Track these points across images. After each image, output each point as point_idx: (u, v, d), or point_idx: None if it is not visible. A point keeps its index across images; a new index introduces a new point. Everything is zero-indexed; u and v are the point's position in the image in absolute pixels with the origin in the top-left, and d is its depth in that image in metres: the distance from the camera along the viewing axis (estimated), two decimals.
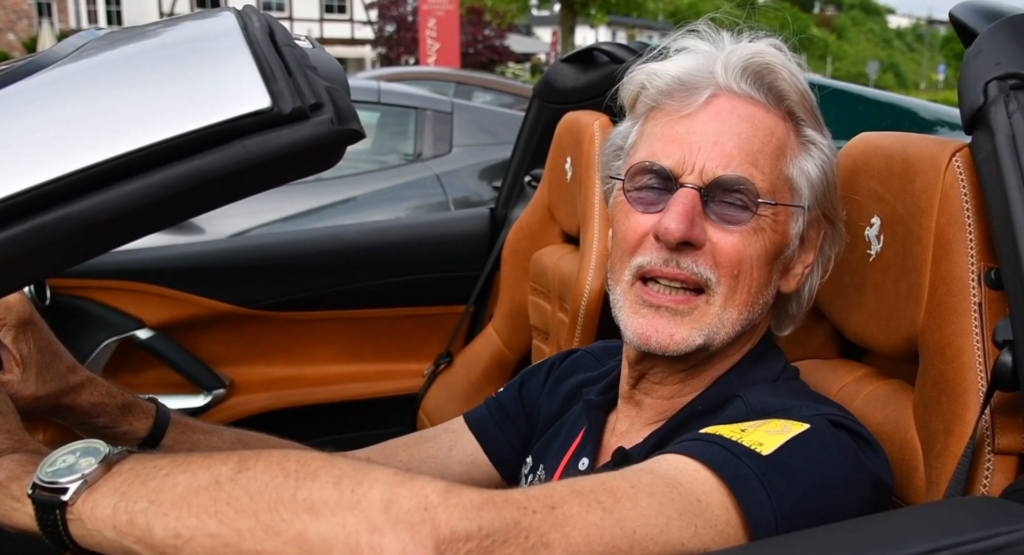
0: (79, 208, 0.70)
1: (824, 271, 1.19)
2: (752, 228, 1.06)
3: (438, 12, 19.42)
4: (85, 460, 0.84)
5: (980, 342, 1.07)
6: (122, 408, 1.26)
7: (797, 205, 1.10)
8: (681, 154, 1.06)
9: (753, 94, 1.08)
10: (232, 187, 0.78)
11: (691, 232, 1.04)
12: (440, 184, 5.10)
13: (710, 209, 1.06)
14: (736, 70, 1.08)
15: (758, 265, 1.07)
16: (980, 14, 1.16)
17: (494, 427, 1.41)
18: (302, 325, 2.62)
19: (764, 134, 1.07)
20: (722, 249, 1.05)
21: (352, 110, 0.82)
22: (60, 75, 0.85)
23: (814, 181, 1.11)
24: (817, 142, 1.11)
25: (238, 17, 0.93)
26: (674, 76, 1.09)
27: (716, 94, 1.08)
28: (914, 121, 2.86)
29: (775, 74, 1.08)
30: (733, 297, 1.07)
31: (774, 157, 1.07)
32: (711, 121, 1.07)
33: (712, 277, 1.06)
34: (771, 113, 1.09)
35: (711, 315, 1.07)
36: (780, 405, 1.04)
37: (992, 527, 0.86)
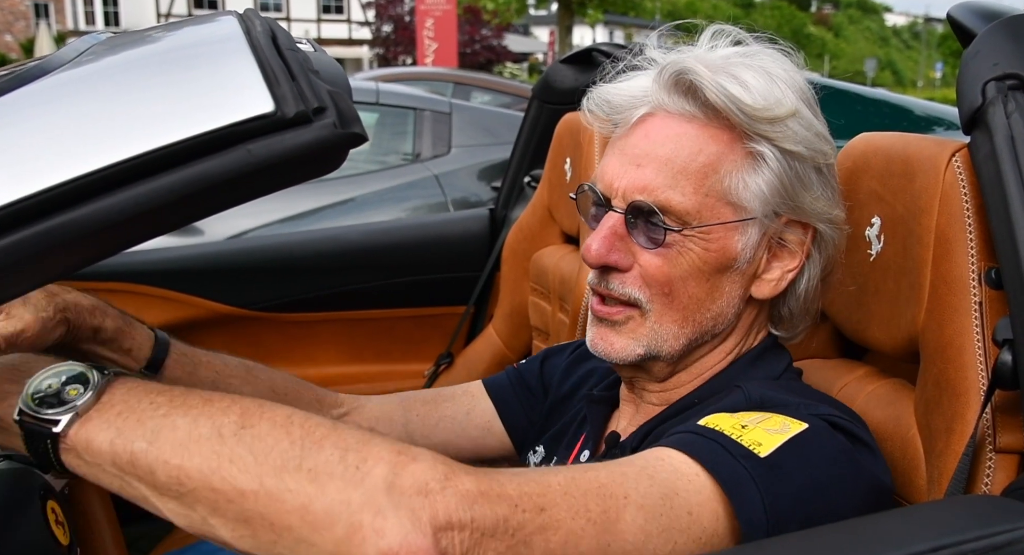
0: (85, 212, 0.71)
1: (828, 272, 1.18)
2: (678, 249, 1.06)
3: (435, 12, 19.42)
4: (73, 388, 0.82)
5: (981, 341, 1.07)
6: (122, 317, 1.25)
7: (735, 221, 1.07)
8: (610, 177, 1.09)
9: (687, 108, 1.07)
10: (236, 191, 0.78)
11: (608, 257, 1.08)
12: (439, 185, 5.11)
13: (636, 231, 1.08)
14: (667, 86, 1.07)
15: (693, 281, 1.08)
16: (978, 15, 1.17)
17: (513, 397, 1.42)
18: (303, 326, 2.62)
19: (689, 153, 1.06)
20: (647, 270, 1.08)
21: (355, 114, 0.83)
22: (65, 80, 0.85)
23: (764, 193, 1.07)
24: (765, 155, 1.07)
25: (240, 21, 0.94)
26: (609, 101, 1.12)
27: (651, 112, 1.08)
28: (912, 120, 2.87)
29: (702, 90, 1.05)
30: (669, 312, 1.09)
31: (701, 175, 1.05)
32: (640, 141, 1.08)
33: (641, 296, 1.08)
34: (708, 127, 1.07)
35: (647, 328, 1.10)
36: (781, 401, 1.04)
37: (994, 525, 0.87)
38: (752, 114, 1.04)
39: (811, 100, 1.12)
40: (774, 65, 1.09)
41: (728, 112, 1.05)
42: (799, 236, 1.12)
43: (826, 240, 1.14)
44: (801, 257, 1.13)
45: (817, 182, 1.11)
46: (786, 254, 1.12)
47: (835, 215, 1.14)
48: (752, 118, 1.05)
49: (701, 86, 1.04)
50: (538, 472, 0.88)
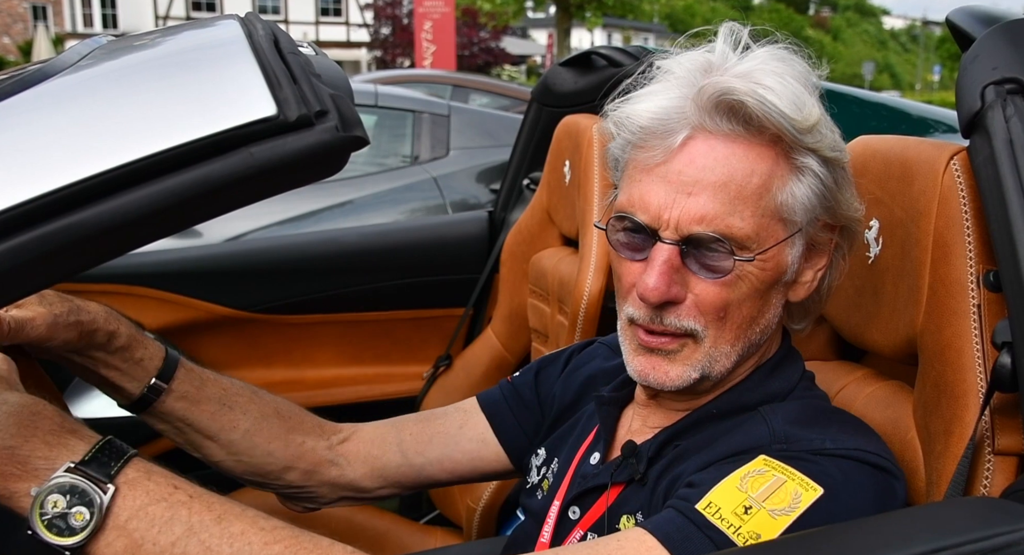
0: (90, 214, 0.71)
1: (842, 268, 1.16)
2: (736, 275, 1.04)
3: (434, 15, 19.44)
4: (78, 512, 0.86)
5: (979, 344, 1.08)
6: (135, 333, 1.27)
7: (787, 237, 1.06)
8: (656, 208, 1.03)
9: (731, 129, 1.03)
10: (239, 193, 0.78)
11: (668, 293, 1.04)
12: (437, 187, 5.11)
13: (690, 260, 1.04)
14: (707, 108, 1.02)
15: (748, 303, 1.07)
16: (977, 19, 1.17)
17: (507, 410, 1.42)
18: (302, 328, 2.62)
19: (743, 175, 1.02)
20: (704, 299, 1.05)
21: (356, 117, 0.83)
22: (69, 83, 0.85)
23: (809, 202, 1.06)
24: (810, 165, 1.05)
25: (243, 25, 0.94)
26: (642, 125, 1.05)
27: (692, 135, 1.03)
28: (910, 122, 2.87)
29: (747, 109, 1.01)
30: (723, 335, 1.07)
31: (756, 197, 1.03)
32: (687, 168, 1.02)
33: (697, 327, 1.06)
34: (753, 145, 1.03)
35: (701, 353, 1.07)
36: (805, 439, 1.03)
37: (993, 527, 0.87)
38: (797, 126, 1.02)
39: (818, 94, 1.10)
40: (788, 68, 1.07)
41: (779, 128, 1.02)
42: (828, 235, 1.11)
43: (852, 234, 1.14)
44: (829, 255, 1.12)
45: (844, 181, 1.10)
46: (815, 255, 1.12)
47: (860, 211, 1.13)
48: (798, 130, 1.02)
49: (748, 105, 1.01)
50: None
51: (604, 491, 1.15)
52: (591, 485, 1.18)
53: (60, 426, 0.93)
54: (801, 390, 1.15)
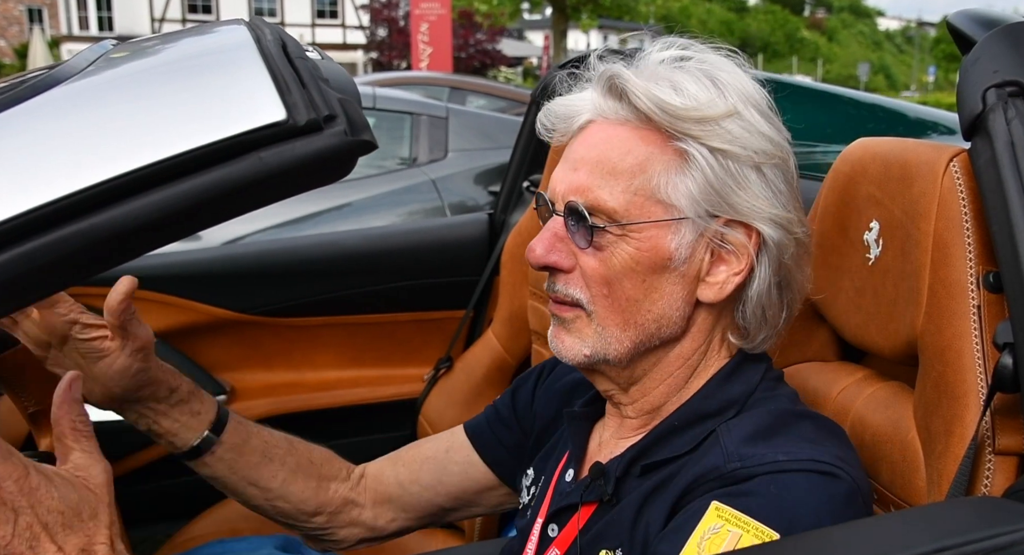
0: (102, 219, 0.72)
1: (786, 279, 1.14)
2: (611, 250, 1.08)
3: (430, 16, 19.45)
4: None
5: (980, 345, 1.08)
6: (193, 386, 1.37)
7: (666, 219, 1.07)
8: (553, 183, 1.13)
9: (622, 114, 1.10)
10: (248, 198, 0.79)
11: (547, 258, 1.11)
12: (436, 189, 5.12)
13: (575, 233, 1.10)
14: (601, 92, 1.11)
15: (628, 281, 1.09)
16: (977, 22, 1.18)
17: (489, 432, 1.47)
18: (302, 331, 2.63)
19: (619, 153, 1.08)
20: (585, 270, 1.10)
21: (364, 121, 0.84)
22: (78, 89, 0.86)
23: (694, 191, 1.07)
24: (691, 154, 1.07)
25: (251, 30, 0.95)
26: (555, 112, 1.16)
27: (592, 120, 1.12)
28: (907, 124, 2.89)
29: (627, 93, 1.08)
30: (611, 314, 1.10)
31: (628, 175, 1.07)
32: (578, 147, 1.12)
33: (583, 297, 1.11)
34: (640, 129, 1.09)
35: (592, 330, 1.12)
36: (759, 455, 1.03)
37: (995, 527, 0.88)
38: (675, 114, 1.06)
39: (760, 103, 1.11)
40: (716, 70, 1.10)
41: (650, 113, 1.07)
42: (742, 239, 1.09)
43: (772, 243, 1.10)
44: (747, 260, 1.10)
45: (757, 182, 1.08)
46: (732, 257, 1.10)
47: (779, 215, 1.10)
48: (676, 117, 1.06)
49: (627, 90, 1.08)
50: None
51: (577, 511, 1.17)
52: (565, 503, 1.19)
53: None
54: (763, 391, 1.14)
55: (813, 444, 1.05)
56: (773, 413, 1.10)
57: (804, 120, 2.53)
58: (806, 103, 2.69)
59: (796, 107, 2.54)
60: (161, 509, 2.43)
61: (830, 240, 1.39)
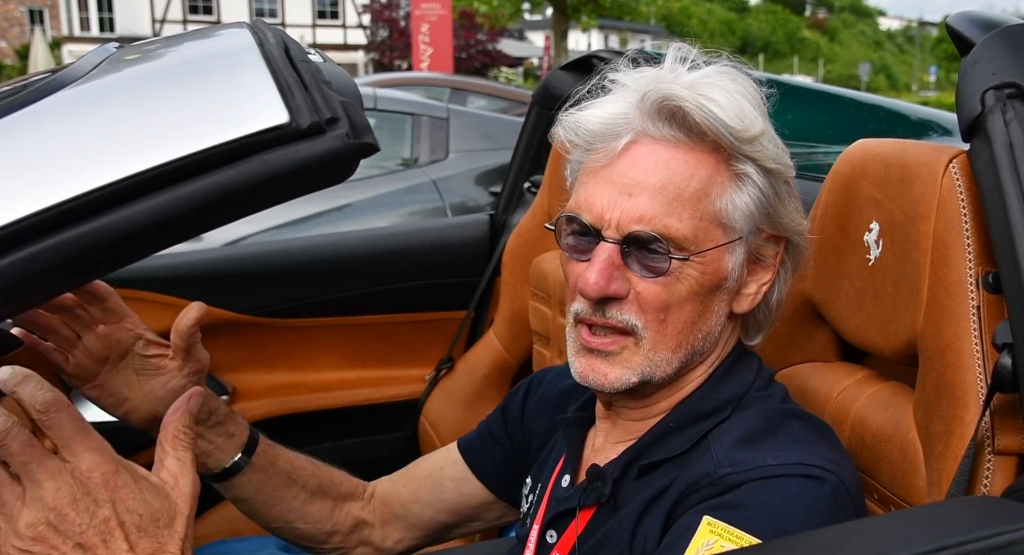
0: (107, 221, 0.72)
1: (788, 283, 1.19)
2: (676, 276, 1.07)
3: (431, 17, 19.46)
4: None
5: (979, 345, 1.09)
6: (228, 409, 1.38)
7: (727, 242, 1.09)
8: (600, 208, 1.07)
9: (672, 135, 1.07)
10: (252, 200, 0.80)
11: (608, 288, 1.07)
12: (437, 190, 5.12)
13: (632, 259, 1.07)
14: (651, 114, 1.07)
15: (689, 305, 1.09)
16: (976, 24, 1.18)
17: (480, 448, 1.48)
18: (303, 332, 2.63)
19: (682, 179, 1.06)
20: (645, 297, 1.08)
21: (366, 124, 0.85)
22: (83, 93, 0.86)
23: (750, 210, 1.09)
24: (750, 174, 1.09)
25: (253, 33, 0.95)
26: (589, 129, 1.10)
27: (635, 140, 1.07)
28: (907, 125, 2.89)
29: (688, 115, 1.05)
30: (662, 339, 1.09)
31: (695, 201, 1.06)
32: (628, 170, 1.07)
33: (638, 323, 1.08)
34: (694, 151, 1.07)
35: (641, 355, 1.10)
36: (749, 460, 1.04)
37: (995, 526, 0.88)
38: (737, 135, 1.06)
39: (766, 112, 1.13)
40: (734, 84, 1.10)
41: (717, 135, 1.05)
42: (773, 249, 1.14)
43: (798, 251, 1.16)
44: (775, 269, 1.15)
45: (788, 195, 1.13)
46: (760, 268, 1.14)
47: (804, 226, 1.16)
48: (738, 139, 1.06)
49: (688, 111, 1.05)
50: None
51: (575, 516, 1.17)
52: (563, 508, 1.20)
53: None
54: (756, 391, 1.16)
55: (803, 446, 1.06)
56: (764, 415, 1.12)
57: (805, 121, 2.53)
58: (807, 104, 2.69)
59: (797, 108, 2.55)
60: None
61: (830, 241, 1.39)
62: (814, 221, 1.43)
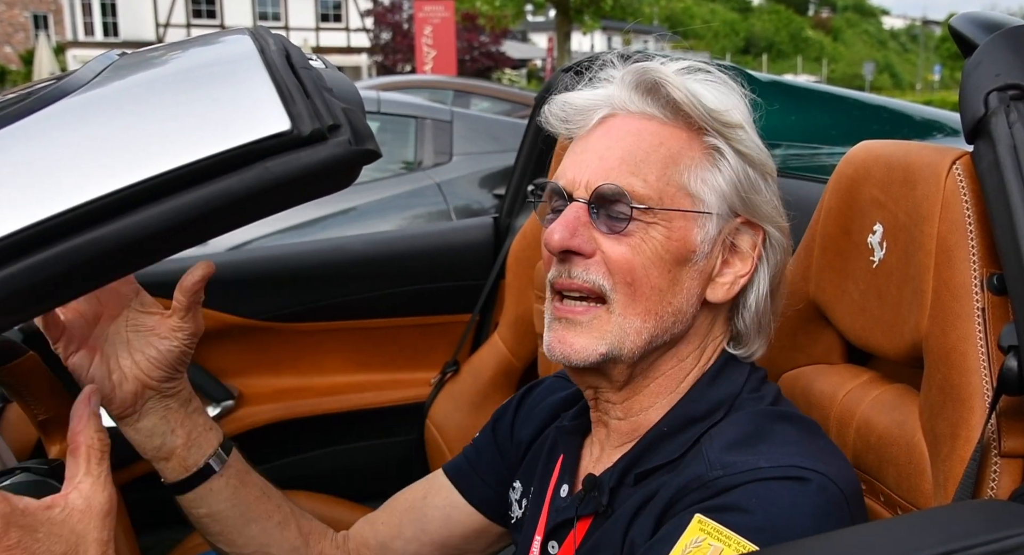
0: (112, 229, 0.73)
1: (776, 283, 1.19)
2: (640, 236, 1.08)
3: (434, 19, 19.50)
4: None
5: (984, 347, 1.08)
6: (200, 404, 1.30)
7: (694, 211, 1.10)
8: (573, 172, 1.11)
9: (648, 109, 1.11)
10: (255, 207, 0.80)
11: (570, 241, 1.08)
12: (441, 192, 5.13)
13: (599, 220, 1.09)
14: (629, 87, 1.12)
15: (656, 270, 1.09)
16: (979, 25, 1.18)
17: (470, 471, 1.42)
18: (309, 336, 2.63)
19: (651, 144, 1.10)
20: (611, 256, 1.09)
21: (368, 130, 0.85)
22: (86, 101, 0.87)
23: (722, 189, 1.11)
24: (723, 151, 1.12)
25: (255, 40, 0.96)
26: (572, 103, 1.16)
27: (612, 114, 1.13)
28: (912, 125, 2.88)
29: (667, 87, 1.10)
30: (633, 304, 1.09)
31: (662, 165, 1.09)
32: (602, 138, 1.11)
33: (606, 284, 1.08)
34: (667, 125, 1.11)
35: (612, 323, 1.09)
36: (740, 462, 1.04)
37: (1002, 530, 0.88)
38: (710, 111, 1.10)
39: (751, 120, 1.17)
40: (724, 84, 1.15)
41: (690, 107, 1.09)
42: (751, 239, 1.15)
43: (775, 245, 1.17)
44: (752, 262, 1.15)
45: (765, 189, 1.15)
46: (737, 260, 1.15)
47: (782, 224, 1.17)
48: (712, 115, 1.10)
49: (664, 82, 1.09)
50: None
51: (574, 526, 1.17)
52: (562, 519, 1.19)
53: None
54: (748, 392, 1.15)
55: (795, 447, 1.06)
56: (755, 417, 1.11)
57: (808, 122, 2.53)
58: (810, 105, 2.69)
59: (800, 109, 2.54)
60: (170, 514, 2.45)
61: (834, 243, 1.39)
62: (817, 223, 1.43)
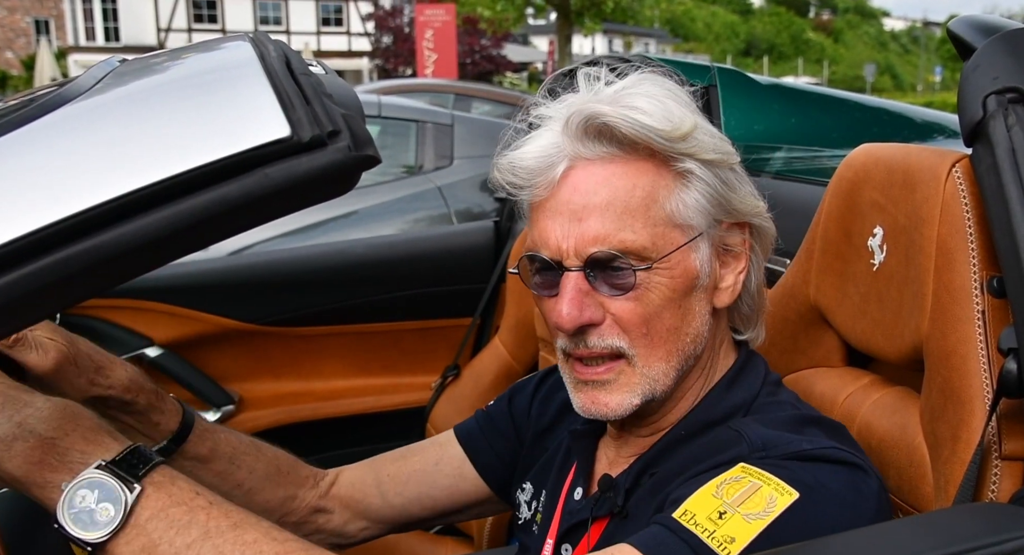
0: (111, 236, 0.73)
1: (763, 266, 1.19)
2: (645, 287, 1.06)
3: (435, 23, 19.53)
4: (104, 508, 0.90)
5: (984, 350, 1.09)
6: (155, 393, 1.31)
7: (687, 241, 1.08)
8: (554, 241, 1.07)
9: (605, 152, 1.07)
10: (255, 213, 0.80)
11: (582, 317, 1.06)
12: (442, 196, 5.13)
13: (599, 282, 1.07)
14: (579, 136, 1.07)
15: (666, 313, 1.08)
16: (977, 29, 1.18)
17: (482, 440, 1.43)
18: (310, 340, 2.64)
19: (625, 191, 1.06)
20: (622, 316, 1.07)
21: (368, 136, 0.85)
22: (87, 108, 0.87)
23: (702, 205, 1.09)
24: (692, 170, 1.08)
25: (255, 46, 0.96)
26: (525, 167, 1.09)
27: (571, 165, 1.07)
28: (912, 127, 2.88)
29: (614, 129, 1.05)
30: (652, 351, 1.09)
31: (644, 209, 1.06)
32: (572, 196, 1.06)
33: (623, 344, 1.08)
34: (631, 162, 1.07)
35: (637, 375, 1.09)
36: (784, 441, 1.04)
37: (1002, 533, 0.88)
38: (668, 136, 1.05)
39: (697, 109, 1.13)
40: (656, 87, 1.10)
41: (648, 141, 1.05)
42: (739, 237, 1.14)
43: (763, 232, 1.16)
44: (746, 256, 1.15)
45: (737, 181, 1.13)
46: (731, 258, 1.14)
47: (761, 207, 1.15)
48: (670, 140, 1.06)
49: (614, 125, 1.05)
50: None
51: (589, 526, 1.17)
52: (576, 520, 1.19)
53: (98, 425, 0.97)
54: (765, 396, 1.16)
55: (830, 436, 1.07)
56: (783, 415, 1.12)
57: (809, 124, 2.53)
58: (810, 108, 2.69)
59: (801, 112, 2.54)
60: None
61: (834, 246, 1.39)
62: (818, 226, 1.43)
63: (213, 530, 0.92)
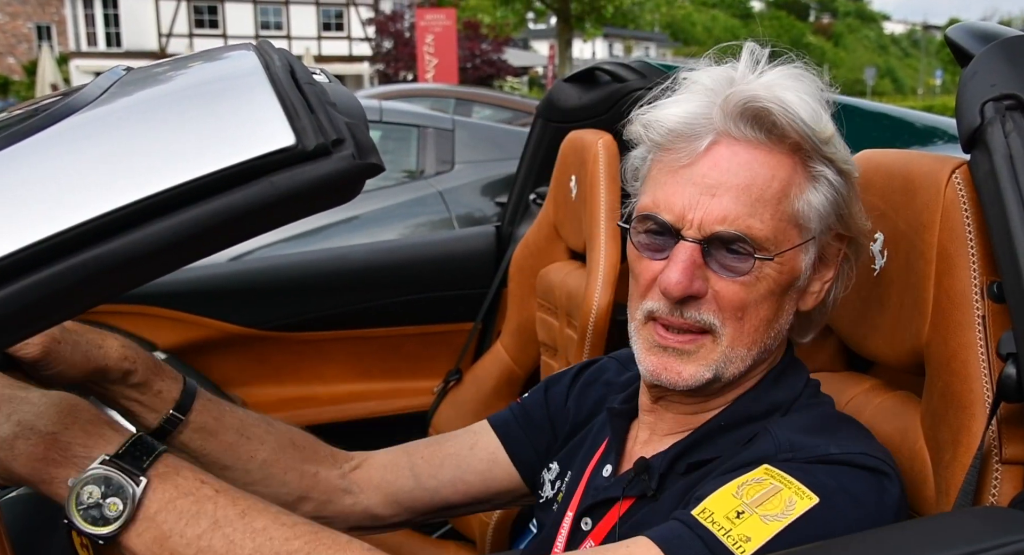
0: (119, 244, 0.74)
1: (848, 281, 1.20)
2: (755, 275, 1.08)
3: (435, 28, 19.55)
4: (112, 502, 0.91)
5: (985, 354, 1.09)
6: (152, 360, 1.29)
7: (804, 242, 1.10)
8: (681, 207, 1.08)
9: (754, 136, 1.08)
10: (260, 221, 0.81)
11: (691, 288, 1.07)
12: (443, 201, 5.13)
13: (711, 259, 1.08)
14: (733, 115, 1.07)
15: (765, 304, 1.10)
16: (975, 36, 1.19)
17: (518, 429, 1.43)
18: (312, 345, 2.64)
19: (764, 180, 1.07)
20: (724, 296, 1.08)
21: (372, 144, 0.86)
22: (93, 118, 0.88)
23: (824, 210, 1.11)
24: (826, 174, 1.10)
25: (259, 55, 0.97)
26: (671, 128, 1.10)
27: (717, 141, 1.08)
28: (912, 132, 2.89)
29: (772, 116, 1.06)
30: (741, 336, 1.10)
31: (775, 201, 1.07)
32: (711, 171, 1.07)
33: (716, 321, 1.09)
34: (774, 152, 1.08)
35: (718, 352, 1.10)
36: (810, 444, 1.05)
37: (1003, 536, 0.89)
38: (819, 137, 1.08)
39: (832, 113, 1.14)
40: (801, 84, 1.11)
41: (801, 136, 1.07)
42: (837, 247, 1.15)
43: (859, 249, 1.18)
44: (836, 267, 1.16)
45: (854, 197, 1.14)
46: (823, 266, 1.16)
47: (868, 225, 1.18)
48: (819, 140, 1.08)
49: (772, 112, 1.06)
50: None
51: (615, 503, 1.17)
52: (603, 497, 1.20)
53: (98, 417, 0.98)
54: (806, 398, 1.17)
55: (864, 443, 1.08)
56: (820, 415, 1.14)
57: None
58: None
59: None
60: None
61: None
62: None
63: (222, 519, 0.93)
